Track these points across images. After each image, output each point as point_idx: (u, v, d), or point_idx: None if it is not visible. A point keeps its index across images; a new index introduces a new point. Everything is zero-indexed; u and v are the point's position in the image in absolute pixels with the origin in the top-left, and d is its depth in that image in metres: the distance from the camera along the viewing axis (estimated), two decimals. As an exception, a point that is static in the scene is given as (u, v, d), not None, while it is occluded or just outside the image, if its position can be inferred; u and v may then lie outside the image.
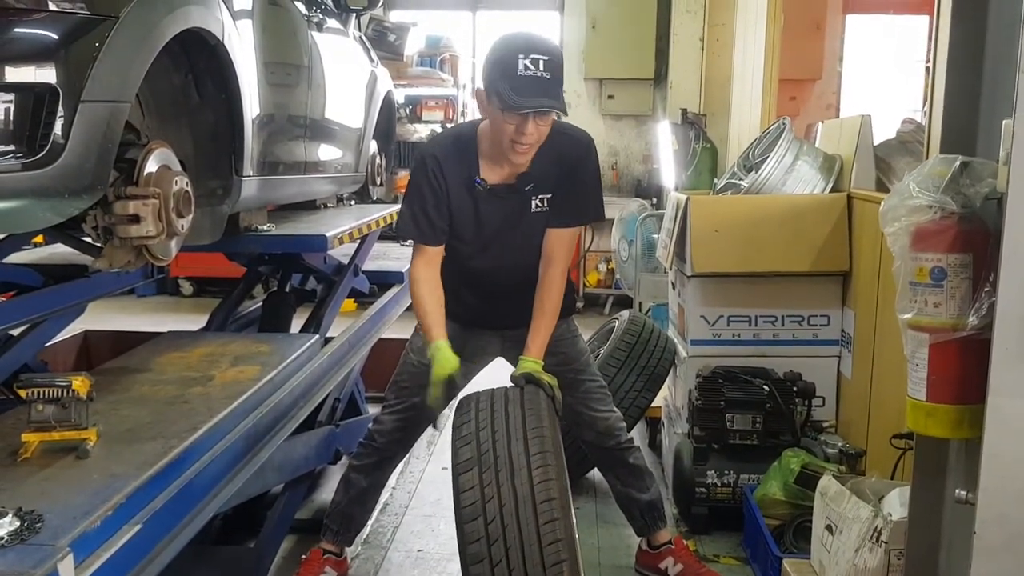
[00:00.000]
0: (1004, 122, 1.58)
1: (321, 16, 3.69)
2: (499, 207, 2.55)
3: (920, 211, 1.71)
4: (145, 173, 2.26)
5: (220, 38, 2.55)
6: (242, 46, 2.73)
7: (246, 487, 2.67)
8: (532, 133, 2.36)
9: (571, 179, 2.56)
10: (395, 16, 8.65)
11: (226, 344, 3.08)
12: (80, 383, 1.98)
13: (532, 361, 2.53)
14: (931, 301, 1.70)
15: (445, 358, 2.50)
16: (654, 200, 7.63)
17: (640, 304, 5.35)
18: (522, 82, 2.27)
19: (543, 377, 2.45)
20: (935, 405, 1.71)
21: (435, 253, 2.59)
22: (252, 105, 2.82)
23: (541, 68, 2.28)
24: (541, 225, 2.60)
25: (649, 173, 8.19)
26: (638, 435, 4.25)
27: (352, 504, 3.00)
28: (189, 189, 2.51)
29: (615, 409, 2.91)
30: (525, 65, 2.27)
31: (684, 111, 7.78)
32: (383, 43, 7.93)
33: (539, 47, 2.31)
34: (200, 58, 2.62)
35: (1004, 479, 1.60)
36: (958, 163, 1.69)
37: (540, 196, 2.55)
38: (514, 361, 2.71)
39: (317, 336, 3.25)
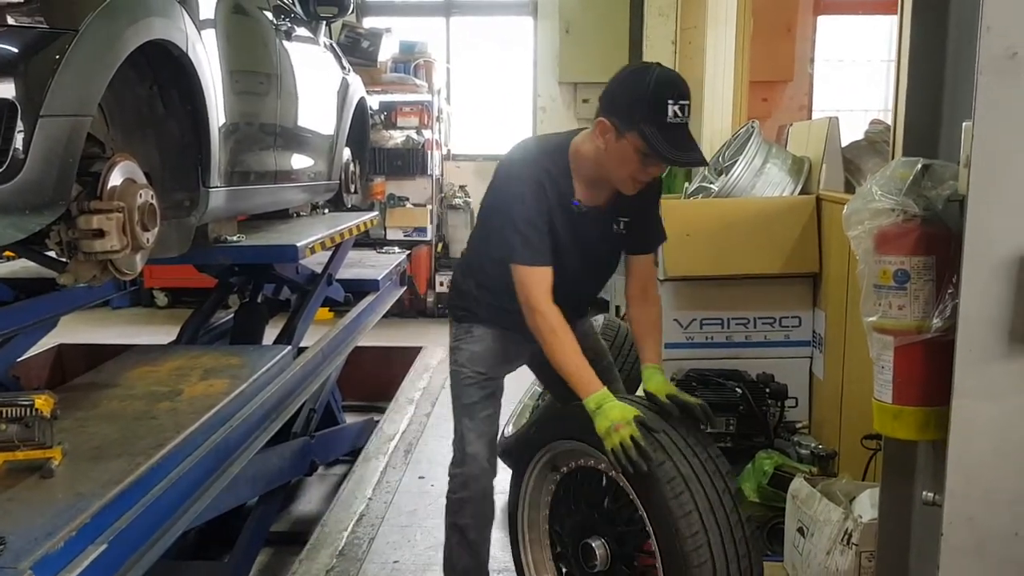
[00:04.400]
0: (964, 124, 1.59)
1: (290, 24, 3.67)
2: (586, 229, 2.46)
3: (883, 214, 1.72)
4: (109, 187, 2.24)
5: (184, 49, 2.53)
6: (207, 57, 2.70)
7: (218, 502, 2.65)
8: (656, 173, 2.34)
9: (653, 205, 2.56)
10: (368, 23, 8.63)
11: (196, 357, 3.05)
12: (43, 401, 1.95)
13: (660, 371, 2.48)
14: (895, 304, 1.70)
15: (621, 404, 2.26)
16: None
17: (616, 308, 5.35)
18: (673, 131, 2.19)
19: (687, 398, 2.38)
20: (901, 407, 1.71)
21: (551, 273, 2.39)
22: (218, 116, 2.80)
23: (686, 115, 2.20)
24: (613, 246, 2.57)
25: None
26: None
27: (483, 562, 2.68)
28: (154, 202, 2.48)
29: None
30: (675, 112, 2.18)
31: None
32: (357, 50, 7.93)
33: (685, 91, 2.22)
34: (165, 69, 2.60)
35: (970, 481, 1.60)
36: (919, 166, 1.70)
37: (620, 219, 2.50)
38: (538, 367, 2.72)
39: (289, 347, 3.23)
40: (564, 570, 2.60)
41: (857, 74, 8.95)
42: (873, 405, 1.77)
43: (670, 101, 2.17)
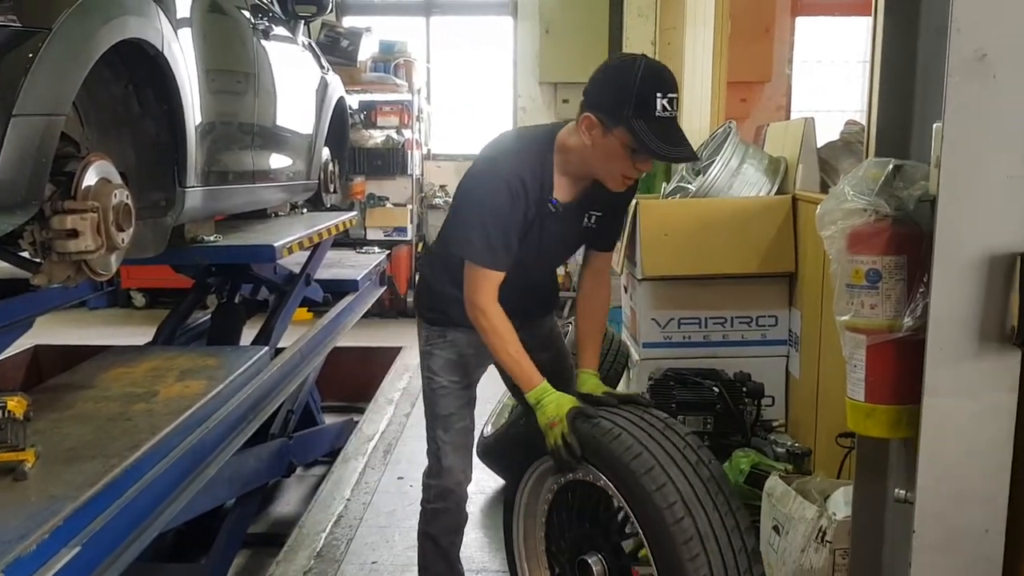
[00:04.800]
0: (935, 125, 1.60)
1: (268, 24, 3.66)
2: (561, 225, 2.38)
3: (855, 214, 1.73)
4: (83, 187, 2.22)
5: (159, 48, 2.52)
6: (183, 56, 2.69)
7: (194, 503, 2.64)
8: (645, 169, 2.26)
9: (622, 201, 2.50)
10: (348, 22, 8.61)
11: (172, 358, 3.04)
12: (16, 403, 1.94)
13: (596, 376, 2.45)
14: (867, 303, 1.71)
15: (557, 396, 2.24)
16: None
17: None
18: (662, 125, 2.11)
19: (626, 393, 2.39)
20: (873, 406, 1.72)
21: (501, 278, 2.33)
22: (195, 115, 2.78)
23: (675, 108, 2.13)
24: (582, 240, 2.51)
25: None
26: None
27: (455, 565, 2.65)
28: (129, 202, 2.47)
29: None
30: (663, 105, 2.10)
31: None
32: (336, 49, 7.90)
33: (673, 84, 2.15)
34: (140, 68, 2.58)
35: (940, 478, 1.62)
36: (891, 166, 1.71)
37: (591, 213, 2.43)
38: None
39: (266, 348, 3.22)
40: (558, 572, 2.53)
41: (835, 75, 9.01)
42: (846, 403, 1.78)
43: (659, 94, 2.09)
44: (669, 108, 2.11)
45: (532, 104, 8.55)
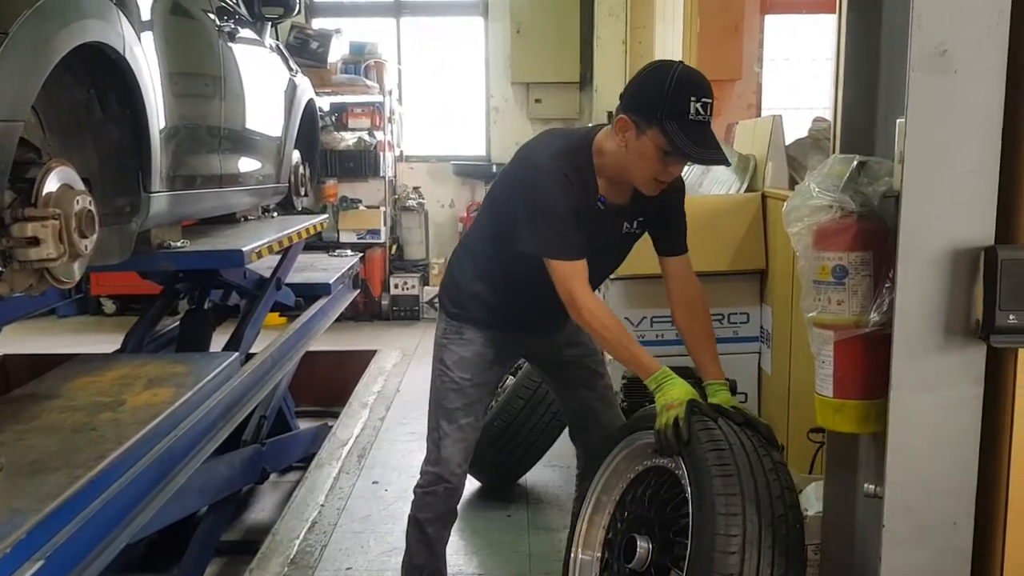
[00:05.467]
0: (898, 121, 1.61)
1: (233, 26, 3.62)
2: (608, 227, 2.40)
3: (821, 211, 1.73)
4: (44, 193, 2.18)
5: (121, 51, 2.48)
6: (146, 59, 2.66)
7: (163, 513, 2.60)
8: (678, 173, 2.30)
9: (676, 204, 2.51)
10: (318, 23, 8.56)
11: (140, 366, 3.00)
12: (-24, 415, 1.90)
13: (725, 387, 2.40)
14: (834, 299, 1.72)
15: (681, 382, 2.25)
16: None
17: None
18: (694, 128, 2.14)
19: (754, 416, 2.31)
20: (842, 401, 1.74)
21: (587, 267, 2.34)
22: (159, 119, 2.75)
23: (708, 113, 2.16)
24: (623, 245, 2.52)
25: (577, 176, 8.22)
26: (567, 438, 4.25)
27: (439, 559, 2.65)
28: (92, 208, 2.43)
29: None
30: (696, 109, 2.13)
31: (609, 114, 7.82)
32: (306, 51, 7.85)
33: (708, 89, 2.18)
34: (102, 72, 2.55)
35: (909, 472, 1.63)
36: (855, 163, 1.72)
37: (636, 219, 2.45)
38: (536, 359, 2.72)
39: (236, 354, 3.18)
40: (607, 556, 2.49)
41: (804, 72, 9.06)
42: (815, 399, 1.79)
43: (692, 98, 2.13)
44: (703, 112, 2.14)
45: (505, 104, 8.54)
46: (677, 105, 2.13)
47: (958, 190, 1.56)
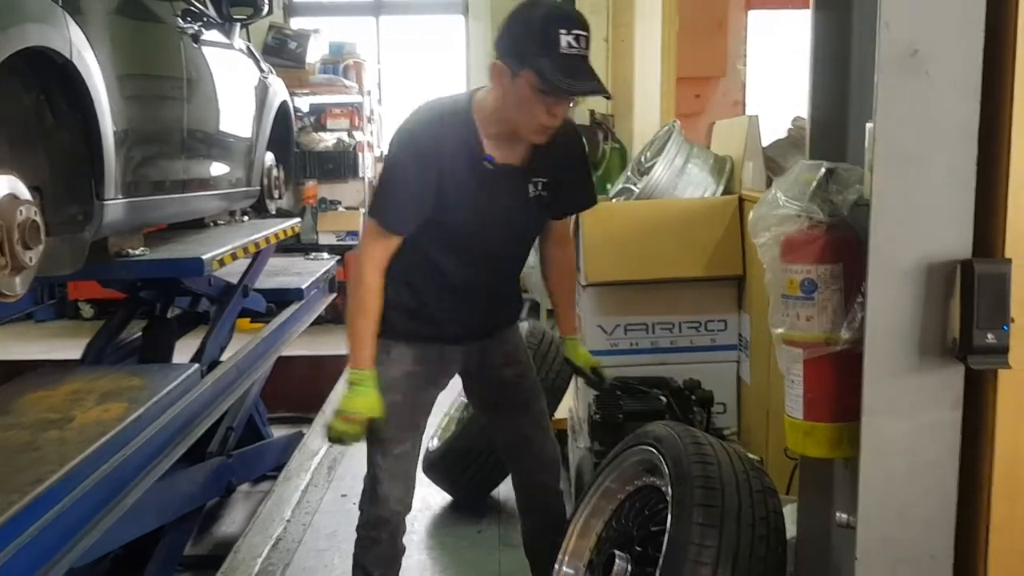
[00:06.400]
0: (868, 125, 1.51)
1: (198, 28, 3.51)
2: (504, 190, 2.27)
3: (788, 220, 1.64)
4: (-16, 203, 2.09)
5: (68, 56, 2.39)
6: (96, 63, 2.55)
7: (116, 534, 2.51)
8: (561, 115, 2.16)
9: (579, 166, 2.43)
10: (296, 23, 8.44)
11: (96, 379, 2.90)
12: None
13: (579, 341, 2.64)
14: (803, 314, 1.62)
15: (374, 395, 2.24)
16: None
17: (548, 312, 5.25)
18: (568, 62, 2.02)
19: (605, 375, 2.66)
20: (813, 424, 1.64)
21: (395, 248, 2.27)
22: (112, 125, 2.64)
23: (583, 45, 2.04)
24: (536, 213, 2.38)
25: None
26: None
27: None
28: (38, 218, 2.34)
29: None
30: (568, 42, 2.01)
31: (592, 112, 7.73)
32: (284, 51, 7.74)
33: (578, 20, 2.07)
34: (51, 78, 2.45)
35: (883, 501, 1.53)
36: (823, 170, 1.62)
37: (539, 180, 2.32)
38: (471, 378, 2.55)
39: (196, 366, 3.09)
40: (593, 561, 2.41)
41: (790, 69, 8.97)
42: (785, 421, 1.69)
43: (562, 31, 2.01)
44: (576, 45, 2.04)
45: (486, 104, 8.43)
46: (546, 40, 2.02)
47: (931, 199, 1.46)
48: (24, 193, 2.31)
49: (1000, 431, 1.46)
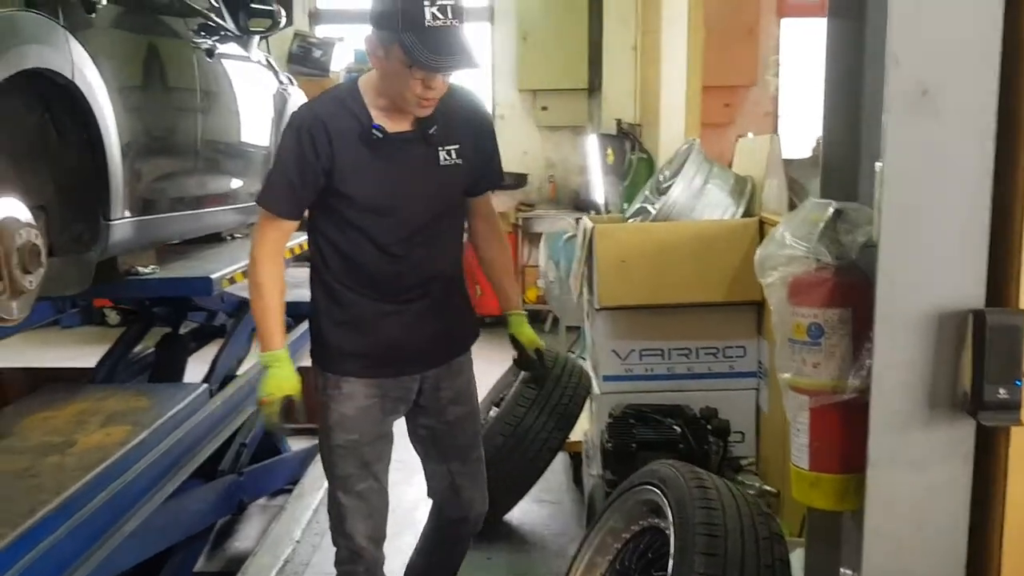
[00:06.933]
0: (877, 164, 1.44)
1: (212, 42, 3.49)
2: (406, 159, 2.25)
3: (796, 261, 1.57)
4: (-18, 225, 2.07)
5: (70, 76, 2.37)
6: (101, 82, 2.53)
7: (120, 557, 2.48)
8: (440, 87, 2.15)
9: (488, 139, 2.42)
10: (321, 31, 8.43)
11: (104, 399, 2.89)
12: None
13: (524, 319, 2.60)
14: (810, 360, 1.55)
15: (286, 374, 2.28)
16: (592, 213, 7.49)
17: (567, 328, 5.19)
18: (432, 35, 2.01)
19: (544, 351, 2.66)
20: (818, 475, 1.56)
21: (289, 231, 2.34)
22: (119, 143, 2.61)
23: (450, 16, 2.02)
24: (452, 179, 2.32)
25: (587, 186, 8.05)
26: (561, 469, 4.10)
27: None
28: (39, 241, 2.31)
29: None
30: (433, 14, 2.00)
31: (619, 121, 7.66)
32: (308, 60, 7.74)
33: None
34: (54, 97, 2.43)
35: (889, 559, 1.45)
36: (831, 209, 1.55)
37: (450, 148, 2.28)
38: (419, 415, 2.45)
39: (205, 386, 3.06)
40: None
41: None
42: (790, 471, 1.62)
43: (426, 3, 1.99)
44: (442, 16, 2.01)
45: (511, 111, 8.35)
46: (411, 14, 2.01)
47: (943, 244, 1.38)
48: (25, 215, 2.29)
49: (1012, 489, 1.39)
